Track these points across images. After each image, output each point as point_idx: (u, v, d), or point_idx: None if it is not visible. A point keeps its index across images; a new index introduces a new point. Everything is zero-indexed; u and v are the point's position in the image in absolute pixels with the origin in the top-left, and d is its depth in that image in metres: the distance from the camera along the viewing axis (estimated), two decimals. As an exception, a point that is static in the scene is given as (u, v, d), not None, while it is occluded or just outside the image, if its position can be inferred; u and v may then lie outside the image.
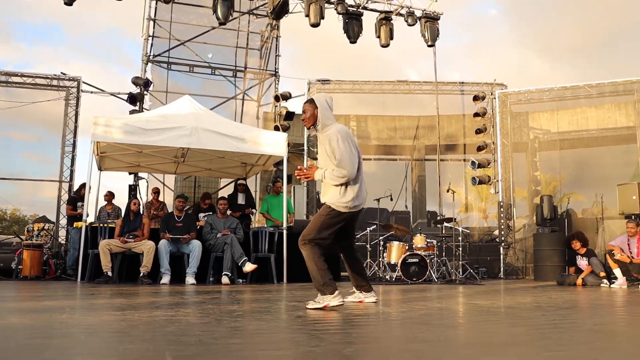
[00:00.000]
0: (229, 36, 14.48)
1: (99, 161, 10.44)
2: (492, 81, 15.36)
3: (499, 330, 3.33)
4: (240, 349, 2.50)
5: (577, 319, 3.93)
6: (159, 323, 3.29)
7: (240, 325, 3.30)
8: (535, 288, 8.64)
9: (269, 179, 14.11)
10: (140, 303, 4.89)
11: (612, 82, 13.87)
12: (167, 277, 8.36)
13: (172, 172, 12.12)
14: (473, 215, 16.91)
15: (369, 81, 15.60)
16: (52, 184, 13.48)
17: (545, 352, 2.47)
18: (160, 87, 13.76)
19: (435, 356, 2.35)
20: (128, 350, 2.39)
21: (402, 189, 15.47)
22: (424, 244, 10.19)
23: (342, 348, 2.57)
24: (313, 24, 11.70)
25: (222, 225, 9.09)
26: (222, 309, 4.32)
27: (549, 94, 14.51)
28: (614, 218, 12.68)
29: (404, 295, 6.34)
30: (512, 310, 4.57)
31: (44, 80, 13.48)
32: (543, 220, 12.62)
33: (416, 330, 3.19)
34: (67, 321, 3.42)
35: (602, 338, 2.95)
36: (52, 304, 4.86)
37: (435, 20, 13.05)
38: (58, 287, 7.35)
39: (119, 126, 8.68)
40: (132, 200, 9.40)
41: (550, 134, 14.90)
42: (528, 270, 13.41)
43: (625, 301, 5.97)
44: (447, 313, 4.33)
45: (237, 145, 9.16)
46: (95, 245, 8.63)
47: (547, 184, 15.23)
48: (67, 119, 13.52)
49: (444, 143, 15.32)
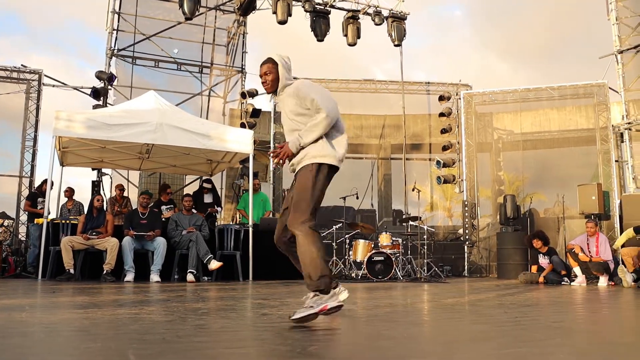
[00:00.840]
0: (196, 32, 14.34)
1: (61, 156, 10.24)
2: (457, 82, 15.58)
3: (462, 327, 3.37)
4: (205, 347, 2.48)
5: (538, 316, 4.01)
6: (122, 321, 3.24)
7: (205, 323, 3.28)
8: (498, 286, 8.79)
9: (234, 176, 14.04)
10: (103, 301, 4.81)
11: (573, 85, 14.19)
12: (131, 275, 8.26)
13: (137, 168, 11.95)
14: (438, 214, 17.10)
15: (336, 79, 15.65)
16: (11, 179, 13.14)
17: (507, 348, 2.52)
18: (124, 82, 13.55)
19: (400, 353, 2.37)
20: (90, 349, 2.35)
21: (368, 188, 15.56)
22: (390, 242, 10.27)
23: (307, 345, 2.57)
24: (280, 21, 11.68)
25: (188, 222, 9.02)
26: (187, 306, 4.28)
27: (513, 96, 14.76)
28: (574, 218, 12.98)
29: (369, 293, 6.38)
30: (475, 308, 4.64)
31: (4, 72, 13.12)
32: (506, 219, 12.84)
33: (381, 328, 3.21)
34: (26, 320, 3.34)
35: (561, 334, 3.01)
36: (11, 302, 4.74)
37: (402, 20, 13.17)
38: (18, 285, 7.19)
39: (81, 121, 8.53)
40: (96, 196, 9.25)
41: (513, 135, 15.16)
42: (491, 268, 13.63)
43: (584, 299, 6.11)
44: (412, 310, 4.37)
45: (202, 142, 9.09)
46: (56, 242, 8.46)
47: (511, 184, 15.49)
48: (27, 112, 13.20)
49: (409, 142, 15.45)
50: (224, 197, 14.25)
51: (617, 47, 13.20)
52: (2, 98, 13.10)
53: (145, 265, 8.54)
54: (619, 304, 5.45)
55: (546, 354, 2.36)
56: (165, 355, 2.14)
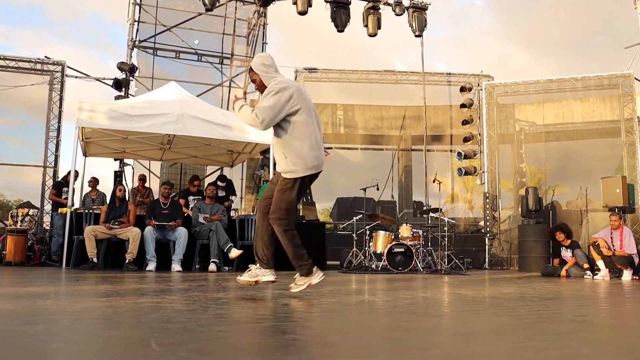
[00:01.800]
0: (216, 23, 14.38)
1: (84, 147, 10.36)
2: (478, 72, 15.41)
3: (482, 319, 3.35)
4: (225, 336, 2.50)
5: (560, 310, 3.97)
6: (144, 310, 3.28)
7: (225, 312, 3.30)
8: (519, 279, 8.72)
9: (255, 167, 14.08)
10: (126, 290, 4.87)
11: (597, 75, 13.96)
12: (153, 264, 8.34)
13: (158, 158, 12.05)
14: (459, 206, 17.00)
15: (356, 70, 15.58)
16: (36, 169, 13.35)
17: (528, 341, 2.50)
18: (146, 73, 13.65)
19: (419, 345, 2.36)
20: (113, 336, 2.38)
21: (388, 179, 15.52)
22: (410, 234, 10.23)
23: (327, 336, 2.57)
24: (300, 12, 11.66)
25: (209, 211, 9.08)
26: (208, 296, 4.31)
27: (535, 87, 14.58)
28: (597, 211, 12.80)
29: (389, 285, 6.37)
30: (496, 300, 4.61)
31: (28, 64, 13.30)
32: (528, 211, 12.71)
33: (401, 319, 3.21)
34: (51, 307, 3.40)
35: (584, 328, 2.98)
36: (36, 289, 4.82)
37: (423, 10, 13.05)
38: (42, 273, 7.30)
39: (104, 112, 8.61)
40: (118, 186, 9.34)
41: (536, 126, 14.99)
42: (513, 261, 13.51)
43: (607, 292, 6.05)
44: (432, 302, 4.36)
45: (223, 132, 9.12)
46: (80, 231, 8.57)
47: (533, 176, 15.33)
48: (51, 103, 13.37)
49: (430, 133, 15.36)
50: (244, 187, 14.32)
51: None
52: (26, 90, 13.28)
53: (166, 255, 8.62)
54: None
55: (568, 347, 2.34)
56: (186, 344, 2.16)
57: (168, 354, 1.96)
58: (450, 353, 2.19)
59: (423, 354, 2.16)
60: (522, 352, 2.22)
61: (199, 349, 2.07)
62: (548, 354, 2.16)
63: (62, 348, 2.10)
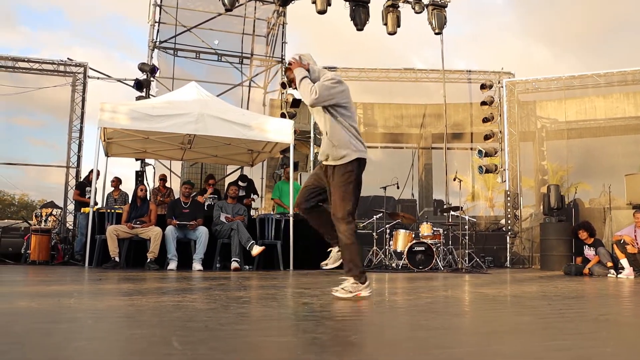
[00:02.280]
0: (236, 23, 14.43)
1: (105, 147, 10.47)
2: (499, 70, 15.29)
3: (504, 318, 3.33)
4: (247, 335, 2.51)
5: (583, 309, 3.93)
6: (166, 309, 3.30)
7: (246, 311, 3.32)
8: (541, 277, 8.64)
9: (275, 166, 14.12)
10: (148, 289, 4.91)
11: (620, 71, 13.77)
12: (174, 263, 8.40)
13: (179, 158, 12.13)
14: (479, 204, 16.89)
15: (376, 69, 15.54)
16: (59, 169, 13.54)
17: (550, 341, 2.47)
18: (166, 74, 13.75)
19: (441, 344, 2.35)
20: (135, 335, 2.41)
21: (408, 177, 15.47)
22: (431, 233, 10.19)
23: (348, 335, 2.57)
24: (320, 11, 11.63)
25: (231, 210, 9.12)
26: (229, 295, 4.33)
27: (557, 83, 14.43)
28: (621, 208, 12.64)
29: (410, 284, 6.35)
30: (518, 299, 4.57)
31: (51, 65, 13.48)
32: (550, 209, 12.58)
33: (422, 318, 3.20)
34: (74, 306, 3.44)
35: (608, 328, 2.95)
36: (60, 288, 4.89)
37: (442, 7, 12.94)
38: (66, 272, 7.40)
39: (125, 112, 8.70)
40: (139, 186, 9.43)
41: (557, 123, 14.83)
42: (534, 259, 13.40)
43: (631, 291, 5.96)
44: (453, 301, 4.34)
45: (243, 132, 9.16)
46: (102, 230, 8.67)
47: (554, 174, 15.19)
48: (73, 104, 13.54)
49: (450, 131, 15.27)
50: (264, 187, 14.37)
51: (667, 31, 12.74)
52: (49, 91, 13.47)
53: (187, 254, 8.68)
54: (668, 297, 5.29)
55: (592, 347, 2.32)
56: (207, 343, 2.17)
57: (190, 352, 1.98)
58: (471, 352, 2.17)
59: (445, 353, 2.15)
60: (544, 352, 2.20)
61: (220, 348, 2.09)
62: (570, 354, 2.14)
63: (85, 346, 2.13)
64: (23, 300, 3.82)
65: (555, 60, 57.53)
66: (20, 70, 13.42)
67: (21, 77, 13.46)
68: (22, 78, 13.45)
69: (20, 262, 9.83)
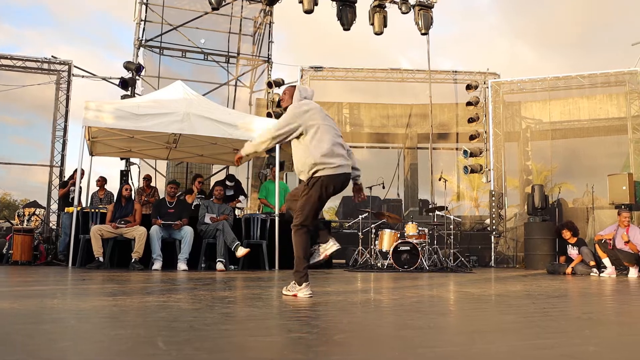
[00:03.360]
0: (222, 22, 14.39)
1: (90, 146, 10.40)
2: (484, 70, 15.36)
3: (489, 317, 3.35)
4: (232, 335, 2.50)
5: (567, 307, 3.96)
6: (150, 309, 3.29)
7: (231, 311, 3.31)
8: (525, 277, 8.70)
9: (261, 165, 14.09)
10: (132, 289, 4.88)
11: (604, 72, 13.90)
12: (159, 263, 8.36)
13: (164, 157, 12.08)
14: (465, 204, 16.98)
15: (362, 69, 15.55)
16: (42, 168, 13.39)
17: (534, 339, 2.49)
18: (152, 72, 13.67)
19: (426, 343, 2.36)
20: (119, 335, 2.39)
21: (394, 177, 15.51)
22: (416, 232, 10.21)
23: (334, 334, 2.58)
24: (306, 11, 11.64)
25: (217, 210, 9.09)
26: (214, 295, 4.32)
27: (542, 84, 14.53)
28: (604, 208, 12.77)
29: (395, 283, 6.37)
30: (502, 298, 4.60)
31: (35, 63, 13.34)
32: (534, 209, 12.68)
33: (407, 318, 3.21)
34: (57, 306, 3.41)
35: (591, 326, 2.98)
36: (43, 289, 4.84)
37: (429, 8, 13.00)
38: (49, 272, 7.33)
39: (110, 111, 8.64)
40: (124, 185, 9.37)
41: (542, 124, 14.94)
42: (519, 259, 13.49)
43: (613, 290, 6.02)
44: (438, 301, 4.35)
45: (229, 131, 9.14)
46: (86, 230, 8.61)
47: (539, 174, 15.30)
48: (58, 103, 13.41)
49: (436, 131, 15.32)
50: (250, 186, 14.34)
51: (650, 33, 12.88)
52: (33, 89, 13.33)
53: (172, 254, 8.64)
54: (649, 296, 5.35)
55: (575, 345, 2.34)
56: (192, 343, 2.16)
57: (175, 352, 1.97)
58: (457, 351, 2.19)
59: (430, 352, 2.16)
60: (528, 350, 2.22)
61: (205, 348, 2.08)
62: (554, 352, 2.16)
63: (69, 347, 2.11)
64: (5, 301, 3.78)
65: (540, 60, 58.02)
66: (4, 68, 13.27)
67: (4, 75, 13.30)
68: (5, 76, 13.30)
69: (2, 263, 9.72)
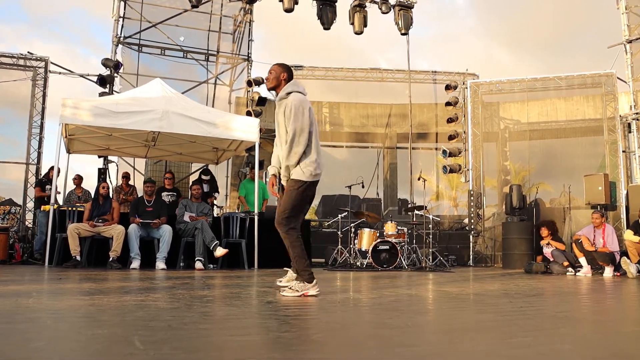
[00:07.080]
0: (202, 19, 14.29)
1: (67, 144, 10.26)
2: (464, 71, 15.48)
3: (466, 316, 3.37)
4: (210, 334, 2.49)
5: (543, 306, 4.01)
6: (128, 308, 3.26)
7: (210, 310, 3.29)
8: (503, 276, 8.78)
9: (240, 164, 14.04)
10: (110, 288, 4.84)
11: (580, 74, 14.09)
12: (137, 262, 8.30)
13: (143, 155, 11.97)
14: (443, 204, 17.08)
15: (342, 68, 15.58)
16: (18, 166, 13.18)
17: (511, 338, 2.52)
18: (130, 70, 13.53)
19: (404, 342, 2.37)
20: (96, 335, 2.37)
21: (373, 177, 15.55)
22: (395, 231, 10.26)
23: (312, 333, 2.58)
24: (287, 9, 11.64)
25: (196, 209, 9.05)
26: (192, 294, 4.30)
27: (520, 85, 14.68)
28: (580, 208, 12.94)
29: (374, 282, 6.39)
30: (480, 297, 4.64)
31: (10, 59, 13.12)
32: (512, 209, 12.81)
33: (385, 316, 3.22)
34: (33, 306, 3.37)
35: (566, 324, 3.01)
36: (18, 288, 4.78)
37: (409, 8, 13.08)
38: (25, 272, 7.23)
39: (88, 108, 8.54)
40: (102, 184, 9.27)
41: (520, 124, 15.09)
42: (496, 258, 13.61)
43: (589, 289, 6.11)
44: (416, 299, 4.38)
45: (208, 130, 9.09)
46: (63, 229, 8.50)
47: (517, 174, 15.45)
48: (34, 100, 13.21)
49: (415, 131, 15.40)
50: (229, 185, 14.28)
51: (626, 36, 13.09)
52: (9, 85, 13.11)
53: (151, 253, 8.57)
54: (623, 295, 5.44)
55: (551, 343, 2.37)
56: (170, 342, 2.15)
57: (152, 352, 1.95)
58: (435, 350, 2.20)
59: (408, 350, 2.17)
60: (505, 349, 2.24)
61: (183, 347, 2.07)
62: (530, 350, 2.18)
63: (44, 347, 2.08)
64: (-21, 300, 3.72)
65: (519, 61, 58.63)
66: (-22, 64, 13.04)
67: (-23, 70, 13.07)
68: (-22, 71, 13.07)
69: (-23, 261, 9.58)
